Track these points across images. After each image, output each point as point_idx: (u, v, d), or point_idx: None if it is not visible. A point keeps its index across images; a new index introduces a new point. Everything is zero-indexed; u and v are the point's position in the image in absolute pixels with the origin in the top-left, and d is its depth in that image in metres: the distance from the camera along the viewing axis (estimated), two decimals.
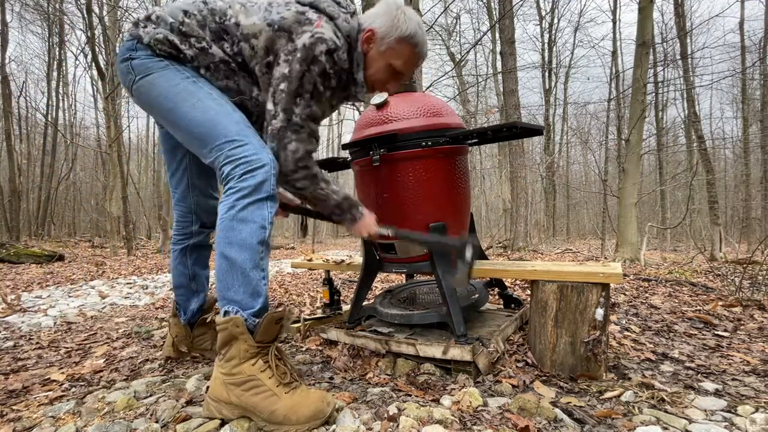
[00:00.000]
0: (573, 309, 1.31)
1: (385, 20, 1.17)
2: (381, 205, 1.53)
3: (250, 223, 1.05)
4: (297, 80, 1.09)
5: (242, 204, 1.05)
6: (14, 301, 2.83)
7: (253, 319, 1.04)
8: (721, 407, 1.10)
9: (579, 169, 23.33)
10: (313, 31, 1.08)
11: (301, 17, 1.12)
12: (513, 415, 1.05)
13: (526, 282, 2.88)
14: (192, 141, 1.14)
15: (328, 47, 1.08)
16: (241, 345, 1.02)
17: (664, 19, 14.51)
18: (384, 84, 1.25)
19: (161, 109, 1.15)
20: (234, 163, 1.06)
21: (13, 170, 10.36)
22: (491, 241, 8.34)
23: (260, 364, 1.03)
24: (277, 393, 1.00)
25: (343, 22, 1.16)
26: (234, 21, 1.15)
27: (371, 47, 1.19)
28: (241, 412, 1.01)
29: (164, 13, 1.16)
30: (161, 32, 1.13)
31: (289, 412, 0.98)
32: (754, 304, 2.23)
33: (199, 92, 1.13)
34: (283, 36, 1.12)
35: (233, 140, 1.08)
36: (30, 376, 1.43)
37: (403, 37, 1.17)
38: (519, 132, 1.35)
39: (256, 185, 1.05)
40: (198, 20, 1.16)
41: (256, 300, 1.05)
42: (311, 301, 2.70)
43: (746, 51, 12.19)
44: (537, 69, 15.60)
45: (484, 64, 16.87)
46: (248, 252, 1.04)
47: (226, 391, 1.02)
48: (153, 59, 1.13)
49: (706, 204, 8.99)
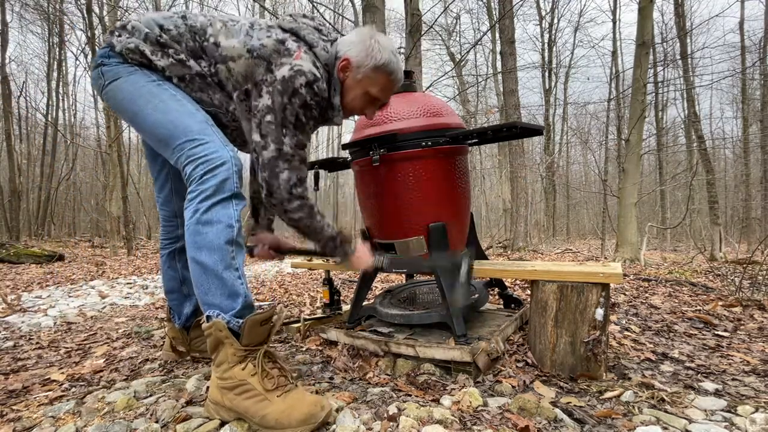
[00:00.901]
0: (573, 309, 1.31)
1: (360, 49, 1.18)
2: (381, 205, 1.54)
3: (216, 224, 1.04)
4: (281, 112, 1.10)
5: (205, 206, 1.04)
6: (14, 301, 2.83)
7: (236, 320, 1.04)
8: (721, 407, 1.10)
9: (579, 169, 23.32)
10: (292, 63, 1.10)
11: (281, 47, 1.13)
12: (513, 415, 1.05)
13: (526, 282, 2.88)
14: (157, 143, 1.15)
15: (307, 79, 1.09)
16: (228, 349, 1.02)
17: (664, 19, 14.51)
18: (361, 110, 1.27)
19: (127, 112, 1.15)
20: (194, 163, 1.06)
21: (13, 170, 10.35)
22: (491, 241, 8.34)
23: (250, 368, 1.02)
24: (269, 397, 0.99)
25: (321, 50, 1.18)
26: (213, 41, 1.16)
27: (347, 75, 1.21)
28: (236, 415, 1.01)
29: (140, 23, 1.16)
30: (133, 41, 1.13)
31: (280, 416, 0.97)
32: (754, 304, 2.23)
33: (162, 94, 1.12)
34: (261, 65, 1.13)
35: (193, 139, 1.08)
36: (30, 376, 1.43)
37: (378, 65, 1.19)
38: (519, 132, 1.35)
39: (217, 185, 1.05)
40: (172, 35, 1.16)
41: (236, 300, 1.05)
42: (311, 301, 2.70)
43: (746, 51, 12.19)
44: (537, 69, 15.59)
45: (484, 64, 16.89)
46: (218, 253, 1.03)
47: (220, 394, 1.02)
48: (123, 65, 1.14)
49: (706, 204, 8.99)
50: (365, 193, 1.59)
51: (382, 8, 3.53)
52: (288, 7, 17.25)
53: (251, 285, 3.87)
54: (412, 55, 4.37)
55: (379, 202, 1.54)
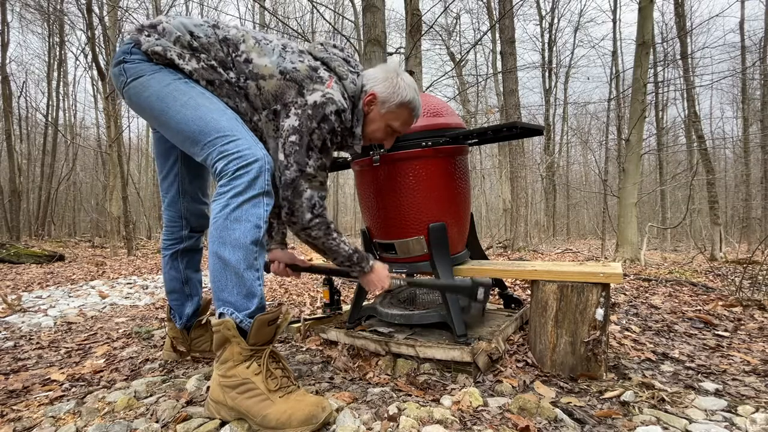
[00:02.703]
0: (573, 309, 1.30)
1: (386, 86, 1.23)
2: (381, 205, 1.54)
3: (244, 222, 1.04)
4: (308, 135, 1.13)
5: (236, 202, 1.04)
6: (14, 301, 2.83)
7: (248, 320, 1.04)
8: (721, 407, 1.10)
9: (579, 169, 23.32)
10: (324, 91, 1.13)
11: (314, 74, 1.16)
12: (513, 415, 1.05)
13: (526, 282, 2.88)
14: (184, 140, 1.14)
15: (337, 108, 1.13)
16: (234, 348, 1.02)
17: (664, 18, 14.51)
18: (381, 140, 1.32)
19: (152, 110, 1.14)
20: (227, 159, 1.06)
21: (13, 170, 10.35)
22: (491, 241, 8.34)
23: (254, 367, 1.03)
24: (271, 397, 1.00)
25: (350, 83, 1.22)
26: (245, 57, 1.16)
27: (372, 108, 1.25)
28: (237, 414, 1.01)
29: (171, 26, 1.15)
30: (161, 44, 1.12)
31: (281, 416, 0.97)
32: (755, 304, 2.23)
33: (191, 91, 1.12)
34: (293, 87, 1.15)
35: (225, 135, 1.07)
36: (30, 376, 1.43)
37: (403, 102, 1.24)
38: (519, 132, 1.35)
39: (249, 181, 1.05)
40: (202, 43, 1.16)
41: (251, 301, 1.05)
42: (311, 301, 2.70)
43: (746, 51, 12.18)
44: (537, 69, 15.60)
45: (484, 64, 16.89)
46: (242, 252, 1.03)
47: (222, 393, 1.02)
48: (146, 63, 1.13)
49: (706, 204, 8.99)
50: (365, 193, 1.59)
51: (382, 8, 3.53)
52: (288, 7, 17.26)
53: None
54: (412, 55, 4.37)
55: (379, 202, 1.54)
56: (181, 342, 1.52)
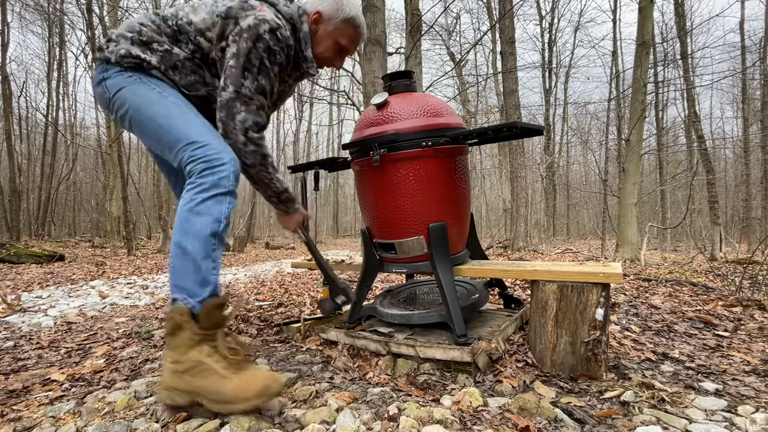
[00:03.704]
0: (573, 309, 1.30)
1: (329, 4, 1.33)
2: (381, 206, 1.53)
3: (206, 215, 1.11)
4: (244, 56, 1.20)
5: (200, 198, 1.11)
6: (14, 301, 2.83)
7: (200, 306, 1.09)
8: (721, 407, 1.10)
9: (579, 169, 23.32)
10: (255, 14, 1.22)
11: (245, 4, 1.26)
12: (513, 415, 1.05)
13: (526, 282, 2.88)
14: (161, 148, 1.23)
15: (270, 26, 1.20)
16: (186, 333, 1.06)
17: (664, 18, 14.51)
18: (332, 60, 1.41)
19: (133, 121, 1.24)
20: (196, 161, 1.14)
21: (13, 170, 10.35)
22: (491, 241, 8.34)
23: (206, 350, 1.07)
24: (225, 374, 1.04)
25: (283, 6, 1.31)
26: (186, 20, 1.27)
27: (319, 27, 1.34)
28: (193, 396, 1.05)
29: (122, 30, 1.26)
30: (123, 47, 1.21)
31: (237, 390, 1.02)
32: (755, 304, 2.23)
33: (164, 101, 1.21)
34: (230, 22, 1.24)
35: (194, 141, 1.16)
36: (30, 376, 1.43)
37: (348, 18, 1.34)
38: (519, 132, 1.34)
39: (215, 181, 1.12)
40: (153, 29, 1.26)
41: (204, 289, 1.10)
42: (311, 301, 2.70)
43: (746, 51, 12.19)
44: (537, 69, 15.61)
45: (484, 64, 16.89)
46: (201, 243, 1.10)
47: (175, 378, 1.05)
48: (122, 75, 1.22)
49: (706, 204, 8.98)
50: (365, 193, 1.59)
51: (382, 8, 3.53)
52: None
53: (251, 285, 3.87)
54: (412, 55, 4.37)
55: (379, 202, 1.53)
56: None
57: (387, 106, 1.50)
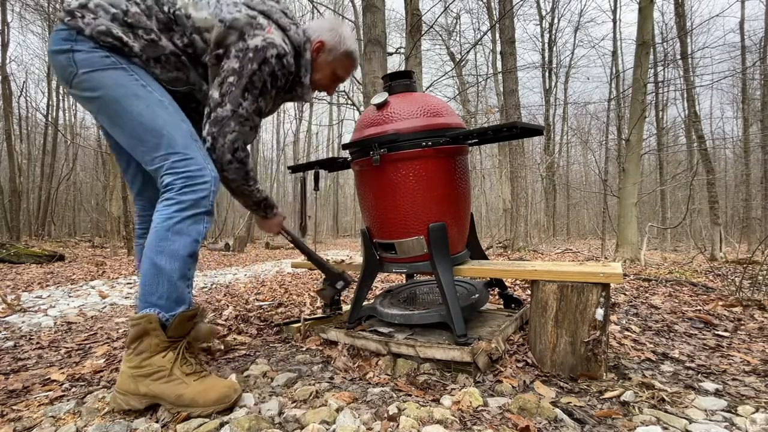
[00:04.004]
0: (573, 309, 1.30)
1: (333, 35, 1.36)
2: (381, 205, 1.53)
3: (185, 236, 1.10)
4: (248, 77, 1.18)
5: (180, 217, 1.09)
6: (14, 301, 2.83)
7: (172, 318, 1.10)
8: (721, 407, 1.10)
9: (579, 169, 23.32)
10: (264, 36, 1.20)
11: (253, 21, 1.22)
12: (513, 415, 1.05)
13: (526, 282, 2.88)
14: (136, 145, 1.15)
15: (278, 52, 1.20)
16: (153, 340, 1.07)
17: (664, 18, 14.51)
18: (327, 87, 1.46)
19: (106, 109, 1.13)
20: (176, 175, 1.10)
21: (13, 170, 10.35)
22: (491, 241, 8.34)
23: (170, 356, 1.09)
24: (185, 380, 1.06)
25: (293, 33, 1.29)
26: (184, 12, 1.19)
27: (320, 56, 1.37)
28: (150, 400, 1.07)
29: (102, 1, 1.12)
30: (103, 24, 1.09)
31: (196, 395, 1.04)
32: (755, 304, 2.23)
33: (149, 97, 1.13)
34: (234, 33, 1.19)
35: (178, 152, 1.12)
36: (30, 376, 1.43)
37: (348, 51, 1.39)
38: (519, 132, 1.34)
39: (196, 200, 1.11)
40: (142, 9, 1.15)
41: (178, 306, 1.11)
42: (311, 301, 2.70)
43: (746, 51, 12.19)
44: (537, 69, 15.61)
45: (484, 64, 16.90)
46: (178, 263, 1.10)
47: (134, 383, 1.06)
48: (97, 52, 1.09)
49: (707, 204, 8.98)
50: (365, 193, 1.59)
51: (382, 8, 3.53)
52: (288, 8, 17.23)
53: (252, 285, 3.87)
54: (412, 55, 4.37)
55: (379, 202, 1.53)
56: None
57: (387, 106, 1.50)
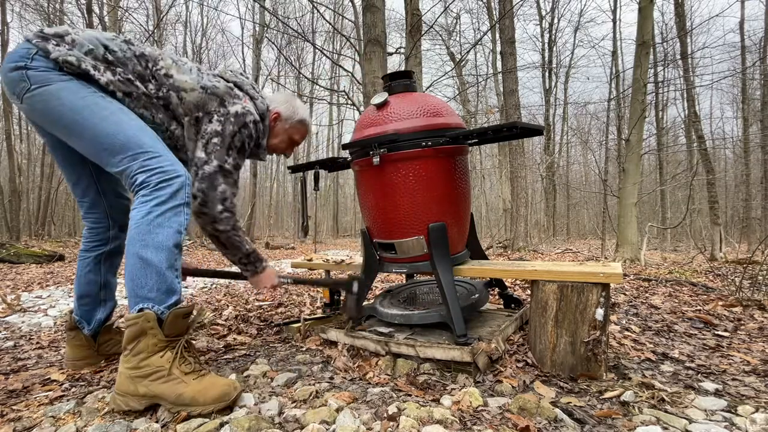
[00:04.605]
0: (573, 309, 1.30)
1: (287, 107, 1.55)
2: (381, 205, 1.54)
3: (167, 227, 1.13)
4: (230, 137, 1.32)
5: (160, 210, 1.12)
6: (14, 301, 2.83)
7: (168, 312, 1.12)
8: (721, 407, 1.10)
9: (579, 169, 23.32)
10: (243, 105, 1.37)
11: (231, 91, 1.38)
12: (513, 415, 1.05)
13: (526, 282, 2.88)
14: (99, 151, 1.17)
15: (254, 118, 1.38)
16: (150, 339, 1.09)
17: (664, 18, 14.50)
18: (284, 150, 1.63)
19: (63, 119, 1.15)
20: (150, 172, 1.13)
21: (13, 170, 10.35)
22: (491, 241, 8.34)
23: (168, 356, 1.10)
24: (185, 379, 1.07)
25: (260, 103, 1.47)
26: (164, 72, 1.29)
27: (277, 124, 1.55)
28: (150, 401, 1.07)
29: (81, 38, 1.18)
30: (74, 55, 1.15)
31: (196, 394, 1.05)
32: (755, 304, 2.23)
33: (110, 106, 1.18)
34: (214, 100, 1.34)
35: (148, 151, 1.15)
36: (30, 376, 1.43)
37: (301, 120, 1.58)
38: (519, 132, 1.34)
39: (172, 193, 1.14)
40: (118, 57, 1.23)
41: (171, 297, 1.13)
42: (311, 301, 2.70)
43: (746, 51, 12.19)
44: (537, 69, 15.61)
45: (484, 64, 16.90)
46: (164, 253, 1.12)
47: (133, 384, 1.07)
48: (54, 72, 1.13)
49: (706, 204, 8.99)
50: (365, 193, 1.59)
51: (382, 8, 3.53)
52: (288, 7, 17.26)
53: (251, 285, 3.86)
54: (412, 55, 4.37)
55: (379, 202, 1.54)
56: (87, 348, 1.48)
57: (387, 106, 1.50)
